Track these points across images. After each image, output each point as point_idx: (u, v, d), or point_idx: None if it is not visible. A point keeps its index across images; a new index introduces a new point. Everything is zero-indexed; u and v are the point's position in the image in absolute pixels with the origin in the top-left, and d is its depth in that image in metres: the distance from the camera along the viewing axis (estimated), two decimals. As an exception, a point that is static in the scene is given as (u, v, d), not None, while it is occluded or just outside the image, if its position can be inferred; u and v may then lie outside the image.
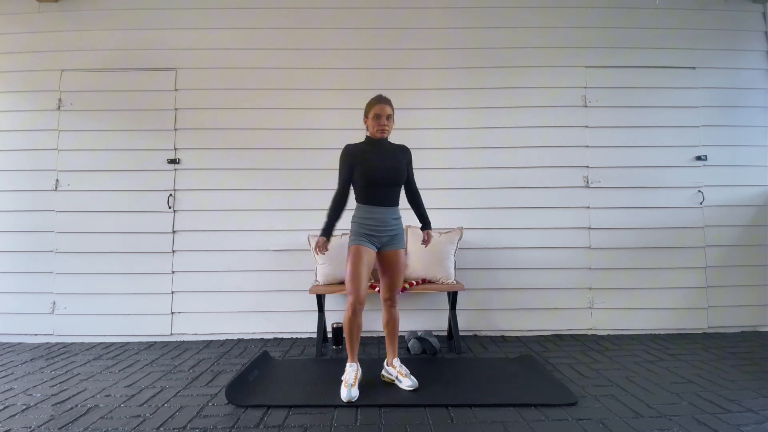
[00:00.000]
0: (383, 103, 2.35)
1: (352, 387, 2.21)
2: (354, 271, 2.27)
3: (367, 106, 2.39)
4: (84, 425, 1.97)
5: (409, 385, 2.31)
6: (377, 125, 2.34)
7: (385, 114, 2.33)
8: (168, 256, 3.43)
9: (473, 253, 3.44)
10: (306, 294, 3.29)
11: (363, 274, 2.27)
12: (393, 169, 2.36)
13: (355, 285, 2.26)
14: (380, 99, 2.36)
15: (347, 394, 2.17)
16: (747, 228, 3.51)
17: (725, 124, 3.57)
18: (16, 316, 3.39)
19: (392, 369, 2.42)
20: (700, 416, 1.99)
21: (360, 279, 2.26)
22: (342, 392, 2.20)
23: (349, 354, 2.34)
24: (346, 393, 2.18)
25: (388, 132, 2.39)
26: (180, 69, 3.54)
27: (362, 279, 2.27)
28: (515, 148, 3.51)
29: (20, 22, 3.56)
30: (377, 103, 2.35)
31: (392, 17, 3.58)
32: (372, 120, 2.36)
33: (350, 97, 3.51)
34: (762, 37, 3.65)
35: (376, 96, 2.39)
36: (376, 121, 2.34)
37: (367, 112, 2.39)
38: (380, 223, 2.33)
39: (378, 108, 2.33)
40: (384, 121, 2.33)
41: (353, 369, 2.30)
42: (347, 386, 2.21)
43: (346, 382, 2.24)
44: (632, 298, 3.44)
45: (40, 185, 3.46)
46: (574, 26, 3.60)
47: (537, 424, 1.93)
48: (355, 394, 2.18)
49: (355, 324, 2.29)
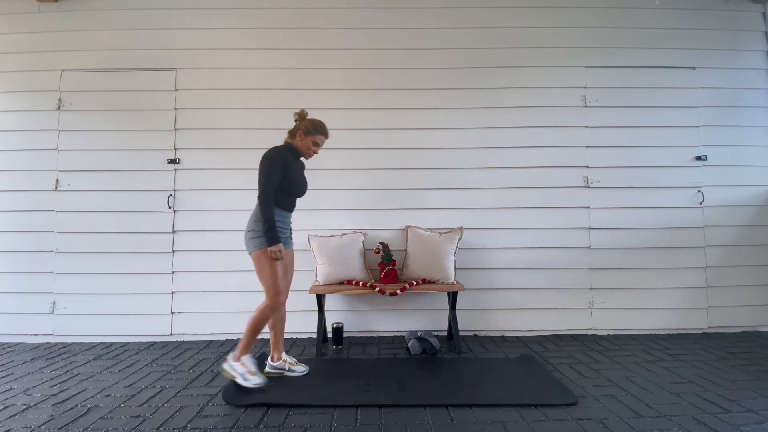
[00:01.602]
0: (327, 137, 2.56)
1: (257, 374, 2.34)
2: (277, 270, 2.36)
3: (314, 127, 2.50)
4: (84, 425, 1.97)
5: (302, 370, 2.57)
6: (312, 150, 2.52)
7: (323, 144, 2.54)
8: (168, 256, 3.43)
9: (473, 253, 3.44)
10: (306, 294, 3.29)
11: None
12: (306, 184, 2.58)
13: (284, 283, 2.41)
14: (327, 132, 2.55)
15: (261, 380, 2.31)
16: (747, 228, 3.52)
17: (725, 124, 3.57)
18: (16, 316, 3.39)
19: (282, 363, 2.58)
20: (700, 416, 1.99)
21: (283, 277, 2.40)
22: (253, 380, 2.30)
23: (248, 350, 2.42)
24: (259, 379, 2.31)
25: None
26: (180, 69, 3.54)
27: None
28: (515, 148, 3.51)
29: (20, 22, 3.56)
30: (325, 135, 2.54)
31: (392, 17, 3.58)
32: (310, 142, 2.49)
33: (350, 97, 3.52)
34: (762, 37, 3.65)
35: (325, 126, 2.54)
36: (313, 146, 2.51)
37: (309, 131, 2.49)
38: (287, 227, 2.51)
39: (322, 138, 2.53)
40: (319, 150, 2.55)
41: (253, 360, 2.42)
42: (255, 374, 2.33)
43: (250, 371, 2.33)
44: (632, 298, 3.44)
45: (40, 185, 3.46)
46: (574, 26, 3.60)
47: (537, 424, 1.93)
48: (264, 379, 2.35)
49: (270, 320, 2.44)
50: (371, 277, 3.27)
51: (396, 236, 3.43)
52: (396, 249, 3.36)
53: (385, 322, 3.40)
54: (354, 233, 3.34)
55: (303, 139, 2.48)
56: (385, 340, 3.29)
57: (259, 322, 2.37)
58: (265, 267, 2.34)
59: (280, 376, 2.56)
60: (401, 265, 3.34)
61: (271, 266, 2.33)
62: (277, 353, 2.60)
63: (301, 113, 2.54)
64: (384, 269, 3.17)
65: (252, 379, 2.30)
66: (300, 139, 2.48)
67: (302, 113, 2.54)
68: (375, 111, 3.52)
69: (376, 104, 3.52)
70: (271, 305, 2.36)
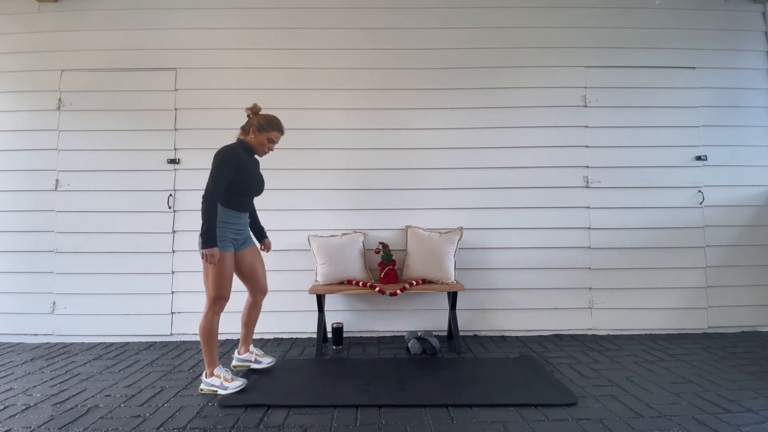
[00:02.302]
0: (283, 133, 2.48)
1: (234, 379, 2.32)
2: (228, 274, 2.30)
3: (268, 123, 2.42)
4: (84, 425, 1.97)
5: (269, 361, 2.63)
6: (267, 147, 2.45)
7: (278, 142, 2.48)
8: (168, 256, 3.43)
9: (473, 253, 3.44)
10: (306, 294, 3.29)
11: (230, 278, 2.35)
12: (262, 183, 2.53)
13: (228, 288, 2.32)
14: (282, 128, 2.46)
15: (240, 381, 2.30)
16: (747, 228, 3.52)
17: (725, 124, 3.57)
18: (16, 316, 3.39)
19: (249, 355, 2.61)
20: (700, 416, 1.99)
21: (230, 283, 2.33)
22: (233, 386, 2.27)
23: (215, 359, 2.33)
24: (239, 382, 2.30)
25: None
26: (180, 69, 3.54)
27: (231, 283, 2.35)
28: (515, 148, 3.51)
29: (20, 22, 3.56)
30: (280, 131, 2.46)
31: (392, 17, 3.58)
32: (264, 139, 2.42)
33: (350, 97, 3.52)
34: (762, 37, 3.65)
35: (280, 122, 2.46)
36: (268, 143, 2.44)
37: (263, 127, 2.41)
38: (243, 227, 2.47)
39: (277, 135, 2.45)
40: (274, 147, 2.47)
41: (225, 369, 2.36)
42: (232, 380, 2.30)
43: (225, 379, 2.29)
44: (632, 298, 3.44)
45: (40, 185, 3.46)
46: (574, 26, 3.60)
47: (537, 424, 1.93)
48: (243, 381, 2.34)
49: (217, 328, 2.33)
50: (371, 277, 3.27)
51: (396, 236, 3.43)
52: (396, 249, 3.37)
53: (385, 322, 3.40)
54: (354, 233, 3.34)
55: (257, 136, 2.39)
56: (385, 340, 3.29)
57: (207, 330, 2.29)
58: (207, 270, 2.26)
59: (247, 368, 2.61)
60: (401, 265, 3.35)
61: (213, 270, 2.24)
62: (245, 347, 2.63)
63: (253, 108, 2.42)
64: (384, 269, 3.17)
65: (231, 385, 2.28)
66: (253, 136, 2.39)
67: (254, 108, 2.42)
68: (375, 111, 3.52)
69: (376, 104, 3.52)
70: (211, 309, 2.28)
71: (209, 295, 2.28)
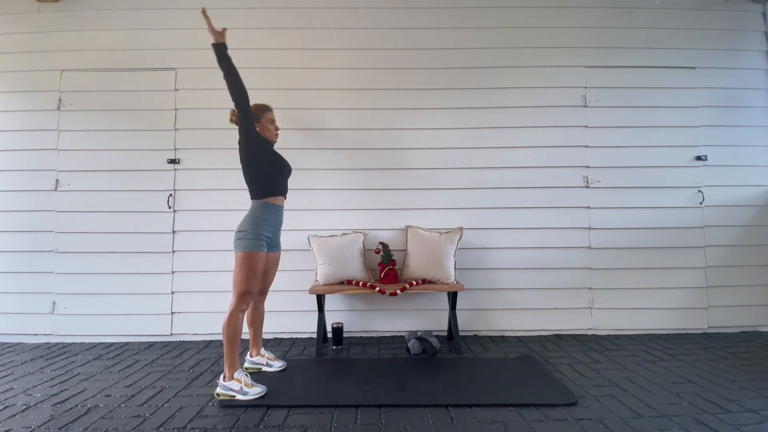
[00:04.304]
0: (271, 109, 2.49)
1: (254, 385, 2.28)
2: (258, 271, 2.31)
3: (257, 110, 2.44)
4: (84, 425, 1.97)
5: (281, 365, 2.62)
6: (273, 129, 2.47)
7: (275, 118, 2.49)
8: (168, 256, 3.43)
9: (473, 253, 3.44)
10: (306, 294, 3.29)
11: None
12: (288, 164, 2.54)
13: (256, 285, 2.33)
14: (268, 104, 2.46)
15: (261, 388, 2.26)
16: (747, 228, 3.52)
17: (725, 124, 3.57)
18: (16, 316, 3.39)
19: (260, 358, 2.62)
20: (700, 416, 1.99)
21: (259, 279, 2.34)
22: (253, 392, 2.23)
23: (236, 361, 2.29)
24: (260, 388, 2.25)
25: None
26: (180, 69, 3.54)
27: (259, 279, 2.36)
28: (515, 148, 3.51)
29: (20, 22, 3.56)
30: (269, 108, 2.47)
31: (392, 17, 3.58)
32: (267, 123, 2.44)
33: (350, 97, 3.51)
34: (762, 37, 3.65)
35: (264, 103, 2.49)
36: (273, 125, 2.45)
37: (256, 116, 2.43)
38: (278, 226, 2.47)
39: (270, 113, 2.46)
40: (277, 124, 2.47)
41: (245, 374, 2.31)
42: (253, 386, 2.25)
43: (246, 384, 2.24)
44: (632, 298, 3.44)
45: (40, 185, 3.46)
46: (574, 26, 3.60)
47: (537, 424, 1.93)
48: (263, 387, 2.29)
49: (241, 328, 2.32)
50: (371, 277, 3.27)
51: (396, 236, 3.43)
52: (396, 249, 3.37)
53: (385, 322, 3.40)
54: (354, 233, 3.34)
55: (260, 127, 2.45)
56: (385, 340, 3.29)
57: (232, 330, 2.27)
58: (243, 269, 2.29)
59: (258, 371, 2.59)
60: (401, 265, 3.35)
61: (245, 267, 2.28)
62: (256, 349, 2.64)
63: (232, 114, 2.46)
64: (384, 269, 3.17)
65: (252, 391, 2.24)
66: (259, 129, 2.45)
67: (232, 112, 2.45)
68: (375, 111, 3.51)
69: (376, 104, 3.52)
70: (238, 307, 2.30)
71: (236, 289, 2.30)
